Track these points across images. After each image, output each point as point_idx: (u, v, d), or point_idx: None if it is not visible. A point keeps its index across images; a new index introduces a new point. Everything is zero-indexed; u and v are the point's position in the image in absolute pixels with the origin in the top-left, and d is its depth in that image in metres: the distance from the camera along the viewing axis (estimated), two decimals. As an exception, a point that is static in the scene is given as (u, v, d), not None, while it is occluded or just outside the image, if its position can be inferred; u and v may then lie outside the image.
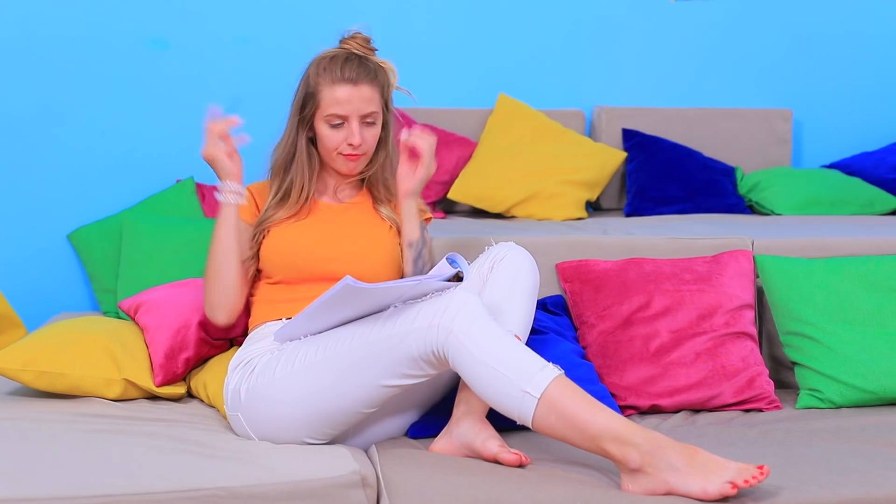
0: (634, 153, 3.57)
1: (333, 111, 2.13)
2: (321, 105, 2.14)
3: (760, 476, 1.68)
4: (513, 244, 2.14)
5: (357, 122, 2.14)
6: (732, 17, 3.81)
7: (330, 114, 2.13)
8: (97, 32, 3.30)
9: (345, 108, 2.12)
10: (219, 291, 2.13)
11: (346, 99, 2.12)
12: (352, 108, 2.13)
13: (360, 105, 2.13)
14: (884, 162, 3.65)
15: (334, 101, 2.12)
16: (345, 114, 2.13)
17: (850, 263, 2.43)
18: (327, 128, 2.15)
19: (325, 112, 2.13)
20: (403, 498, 1.75)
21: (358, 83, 2.13)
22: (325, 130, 2.15)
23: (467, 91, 3.65)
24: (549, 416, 1.76)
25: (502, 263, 2.09)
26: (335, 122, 2.14)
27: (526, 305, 2.07)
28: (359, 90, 2.13)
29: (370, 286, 1.85)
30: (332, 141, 2.15)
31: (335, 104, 2.12)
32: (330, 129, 2.15)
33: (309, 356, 1.93)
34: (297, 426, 1.94)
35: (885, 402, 2.28)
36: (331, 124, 2.14)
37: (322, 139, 2.17)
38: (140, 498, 1.69)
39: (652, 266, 2.42)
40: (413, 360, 1.85)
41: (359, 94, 2.13)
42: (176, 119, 3.37)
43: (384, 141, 2.22)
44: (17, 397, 2.19)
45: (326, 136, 2.15)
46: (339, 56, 2.16)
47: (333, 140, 2.15)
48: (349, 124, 2.14)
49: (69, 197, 3.27)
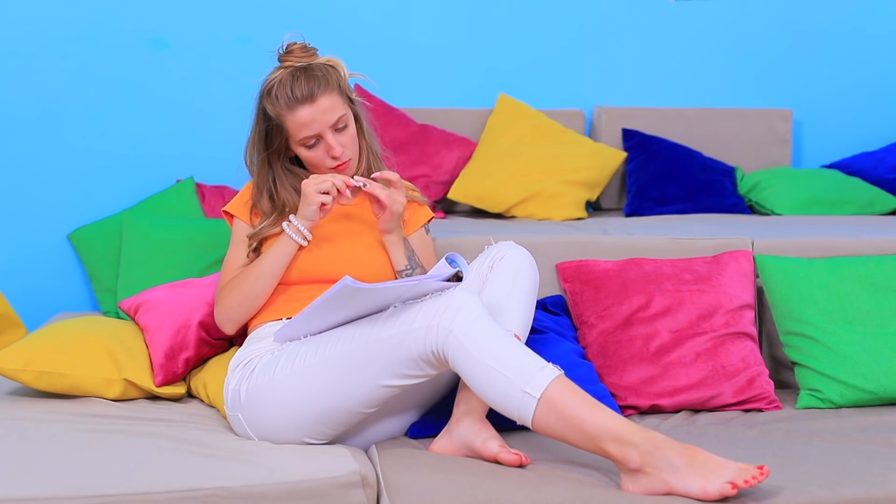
0: (634, 153, 3.57)
1: (304, 134, 2.12)
2: (290, 133, 2.13)
3: (760, 476, 1.68)
4: (512, 243, 2.14)
5: (331, 134, 2.13)
6: (732, 17, 3.81)
7: (302, 137, 2.13)
8: (97, 32, 3.30)
9: (312, 128, 2.12)
10: (243, 311, 2.14)
11: (309, 119, 2.11)
12: (319, 125, 2.12)
13: (325, 118, 2.12)
14: (884, 162, 3.65)
15: (300, 126, 2.11)
16: (315, 133, 2.12)
17: (850, 263, 2.43)
18: (305, 150, 2.15)
19: (297, 138, 2.13)
20: (403, 498, 1.75)
21: (314, 99, 2.11)
22: (305, 153, 2.16)
23: (467, 91, 3.65)
24: (548, 417, 1.76)
25: (502, 263, 2.09)
26: (310, 142, 2.14)
27: (526, 305, 2.07)
28: (318, 105, 2.11)
29: (369, 286, 1.85)
30: (315, 159, 2.16)
31: (302, 128, 2.11)
32: (308, 150, 2.15)
33: (309, 356, 1.93)
34: (296, 426, 1.94)
35: (885, 402, 2.28)
36: (307, 146, 2.14)
37: (307, 161, 2.18)
38: (140, 498, 1.69)
39: (652, 266, 2.42)
40: (413, 360, 1.85)
41: (319, 108, 2.11)
42: (176, 119, 3.37)
43: (361, 132, 2.22)
44: (17, 397, 2.19)
45: (309, 158, 2.16)
46: (285, 78, 2.13)
47: (317, 158, 2.15)
48: (324, 139, 2.13)
49: (69, 197, 3.27)
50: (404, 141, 3.39)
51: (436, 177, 3.39)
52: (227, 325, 2.16)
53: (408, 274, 2.15)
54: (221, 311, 2.15)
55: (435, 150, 3.42)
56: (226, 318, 2.15)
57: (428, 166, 3.39)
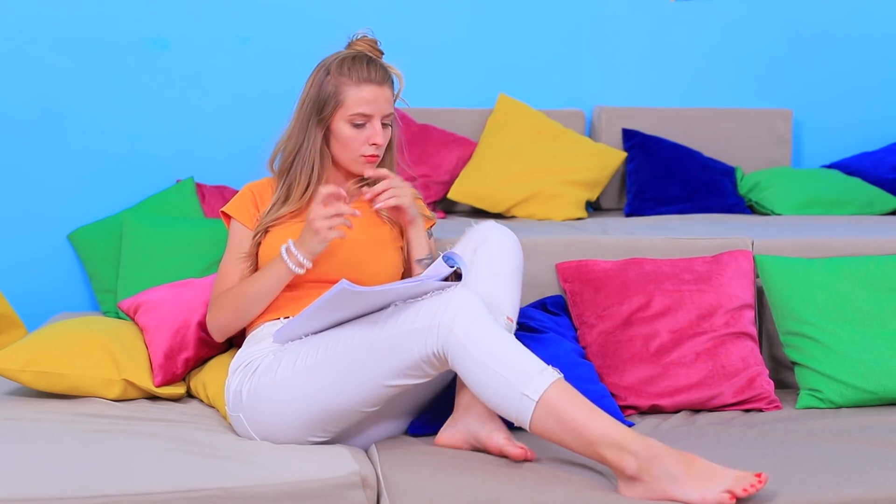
0: (634, 153, 3.57)
1: (359, 110, 2.12)
2: (345, 104, 2.13)
3: (758, 485, 1.68)
4: (492, 223, 2.14)
5: (379, 123, 2.15)
6: (732, 17, 3.81)
7: (355, 113, 2.13)
8: (97, 32, 3.30)
9: (371, 108, 2.13)
10: (235, 326, 2.14)
11: (372, 98, 2.13)
12: (377, 107, 2.13)
13: (383, 105, 2.14)
14: (884, 162, 3.65)
15: (361, 101, 2.12)
16: (370, 113, 2.13)
17: (850, 263, 2.43)
18: (349, 127, 2.14)
19: (350, 112, 2.13)
20: (403, 498, 1.75)
21: (382, 84, 2.15)
22: (348, 131, 2.14)
23: (467, 91, 3.65)
24: (546, 420, 1.76)
25: (485, 246, 2.08)
26: (359, 121, 2.13)
27: (513, 287, 2.07)
28: (383, 91, 2.15)
29: (367, 289, 1.84)
30: (355, 142, 2.14)
31: (362, 104, 2.12)
32: (352, 129, 2.14)
33: (310, 357, 1.93)
34: (298, 426, 1.94)
35: (885, 402, 2.28)
36: (353, 123, 2.14)
37: (344, 140, 2.15)
38: (140, 498, 1.69)
39: (652, 266, 2.42)
40: (414, 360, 1.85)
41: (383, 94, 2.14)
42: (176, 119, 3.37)
43: (392, 142, 2.24)
44: (16, 397, 2.19)
45: (349, 137, 2.14)
46: (360, 57, 2.16)
47: (356, 140, 2.14)
48: (372, 124, 2.14)
49: (69, 197, 3.27)
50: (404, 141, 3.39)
51: (436, 177, 3.39)
52: (216, 334, 2.18)
53: (427, 263, 2.15)
54: (213, 322, 2.16)
55: (435, 150, 3.42)
56: (216, 329, 2.17)
57: (428, 166, 3.39)
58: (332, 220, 1.99)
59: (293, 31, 3.45)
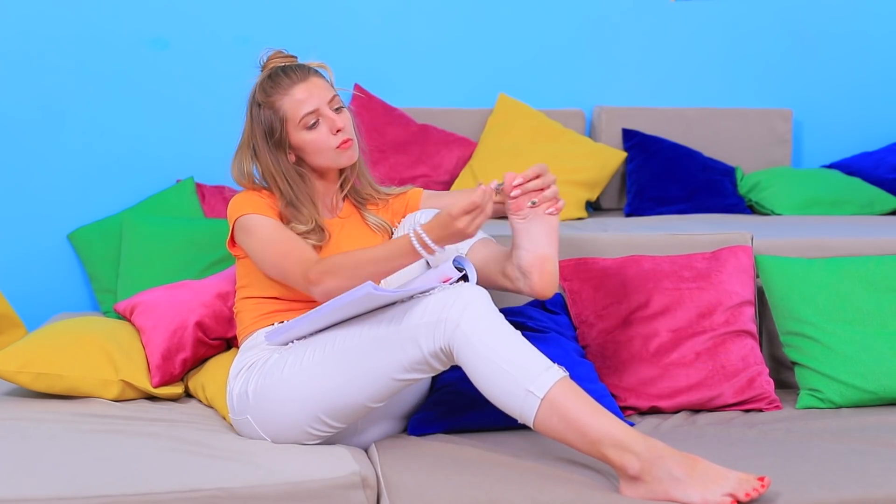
0: (634, 153, 3.57)
1: (304, 111, 2.09)
2: (288, 116, 2.10)
3: (761, 489, 1.68)
4: None
5: (329, 110, 2.11)
6: (732, 17, 3.81)
7: (302, 116, 2.10)
8: (97, 32, 3.30)
9: (311, 103, 2.10)
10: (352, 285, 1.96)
11: (306, 94, 2.10)
12: (316, 99, 2.10)
13: (321, 94, 2.11)
14: (884, 162, 3.66)
15: (298, 103, 2.10)
16: (314, 108, 2.10)
17: (850, 263, 2.42)
18: (306, 133, 2.11)
19: (297, 118, 2.10)
20: (403, 498, 1.75)
21: (307, 78, 2.12)
22: (307, 136, 2.11)
23: (467, 91, 3.65)
24: (550, 418, 1.76)
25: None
26: (311, 121, 2.10)
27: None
28: (313, 83, 2.12)
29: (391, 292, 1.85)
30: (319, 141, 2.11)
31: (300, 105, 2.10)
32: (310, 132, 2.11)
33: (317, 353, 1.93)
34: (306, 422, 1.93)
35: (885, 402, 2.28)
36: (307, 126, 2.11)
37: (310, 146, 2.12)
38: (140, 498, 1.69)
39: (651, 264, 2.41)
40: (422, 354, 1.85)
41: (315, 85, 2.12)
42: (176, 119, 3.37)
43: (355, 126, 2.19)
44: (16, 398, 2.19)
45: (313, 140, 2.11)
46: (275, 72, 2.14)
47: (321, 139, 2.11)
48: (323, 114, 2.11)
49: (69, 197, 3.27)
50: (404, 141, 3.39)
51: (436, 177, 3.39)
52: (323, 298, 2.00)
53: None
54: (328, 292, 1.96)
55: (435, 150, 3.42)
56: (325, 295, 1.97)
57: (428, 166, 3.39)
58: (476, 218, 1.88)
59: (293, 31, 3.45)
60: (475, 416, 2.07)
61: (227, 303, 2.33)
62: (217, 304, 2.33)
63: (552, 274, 1.97)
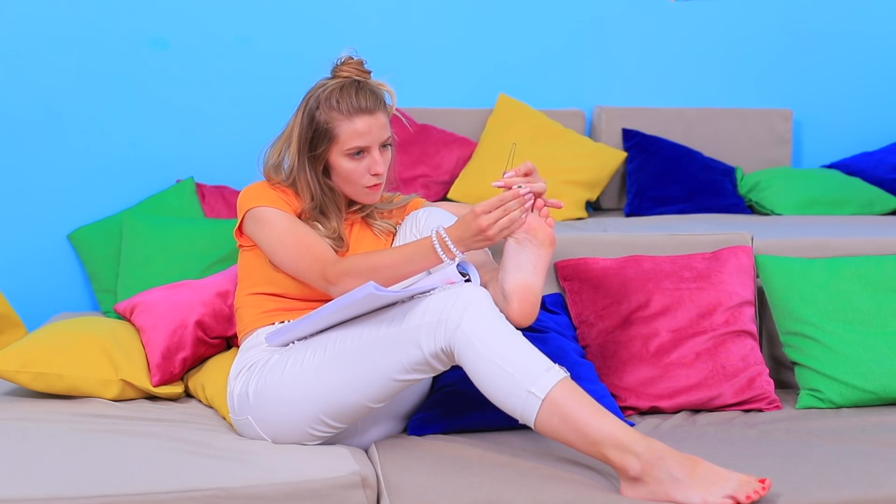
0: (634, 153, 3.57)
1: (355, 144, 2.06)
2: (339, 140, 2.06)
3: (762, 491, 1.68)
4: None
5: (377, 151, 2.09)
6: (732, 17, 3.81)
7: (351, 147, 2.06)
8: (97, 32, 3.30)
9: (366, 140, 2.06)
10: None
11: (366, 130, 2.06)
12: (372, 137, 2.07)
13: (379, 133, 2.08)
14: (884, 162, 3.66)
15: (355, 135, 2.06)
16: (366, 145, 2.07)
17: (850, 263, 2.42)
18: (347, 160, 2.08)
19: (346, 147, 2.06)
20: (403, 498, 1.75)
21: (375, 111, 2.07)
22: (346, 164, 2.08)
23: (467, 91, 3.65)
24: (551, 418, 1.76)
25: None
26: (356, 152, 2.08)
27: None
28: (377, 118, 2.07)
29: (393, 293, 1.85)
30: (355, 173, 2.08)
31: (356, 137, 2.06)
32: (350, 162, 2.08)
33: (318, 354, 1.93)
34: (307, 422, 1.93)
35: (885, 402, 2.28)
36: (351, 155, 2.08)
37: (344, 173, 2.09)
38: (140, 498, 1.69)
39: (651, 263, 2.41)
40: (422, 355, 1.85)
41: (377, 122, 2.07)
42: (176, 119, 3.37)
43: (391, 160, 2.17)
44: (16, 397, 2.19)
45: (349, 170, 2.08)
46: (347, 86, 2.08)
47: (356, 172, 2.08)
48: (370, 154, 2.08)
49: (69, 197, 3.27)
50: (404, 141, 3.39)
51: (436, 177, 3.39)
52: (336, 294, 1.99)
53: None
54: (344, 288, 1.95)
55: (435, 150, 3.42)
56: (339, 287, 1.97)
57: (428, 166, 3.39)
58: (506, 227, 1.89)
59: (293, 31, 3.45)
60: (475, 417, 2.07)
61: (227, 302, 2.33)
62: (217, 302, 2.33)
63: (533, 304, 1.93)
